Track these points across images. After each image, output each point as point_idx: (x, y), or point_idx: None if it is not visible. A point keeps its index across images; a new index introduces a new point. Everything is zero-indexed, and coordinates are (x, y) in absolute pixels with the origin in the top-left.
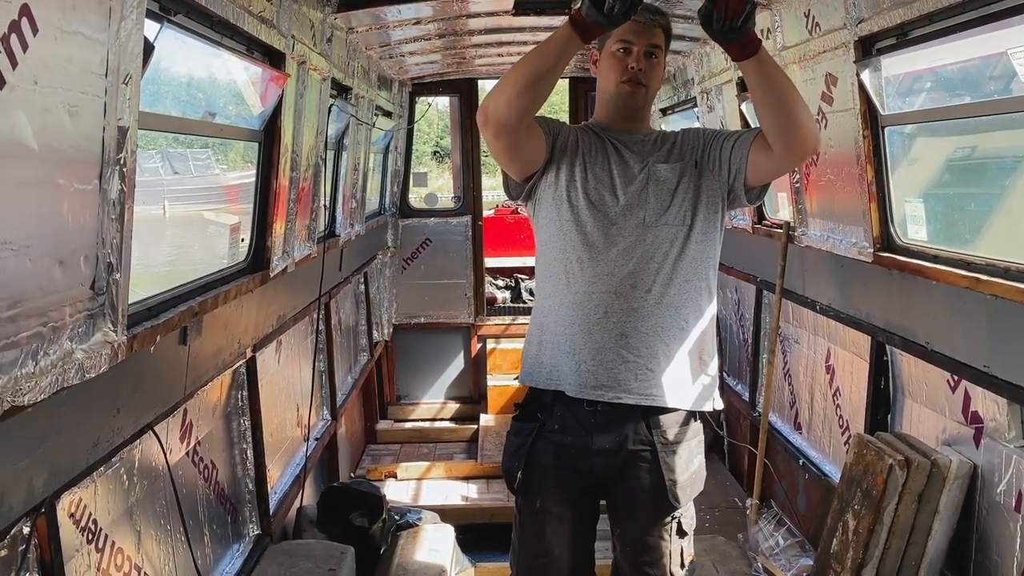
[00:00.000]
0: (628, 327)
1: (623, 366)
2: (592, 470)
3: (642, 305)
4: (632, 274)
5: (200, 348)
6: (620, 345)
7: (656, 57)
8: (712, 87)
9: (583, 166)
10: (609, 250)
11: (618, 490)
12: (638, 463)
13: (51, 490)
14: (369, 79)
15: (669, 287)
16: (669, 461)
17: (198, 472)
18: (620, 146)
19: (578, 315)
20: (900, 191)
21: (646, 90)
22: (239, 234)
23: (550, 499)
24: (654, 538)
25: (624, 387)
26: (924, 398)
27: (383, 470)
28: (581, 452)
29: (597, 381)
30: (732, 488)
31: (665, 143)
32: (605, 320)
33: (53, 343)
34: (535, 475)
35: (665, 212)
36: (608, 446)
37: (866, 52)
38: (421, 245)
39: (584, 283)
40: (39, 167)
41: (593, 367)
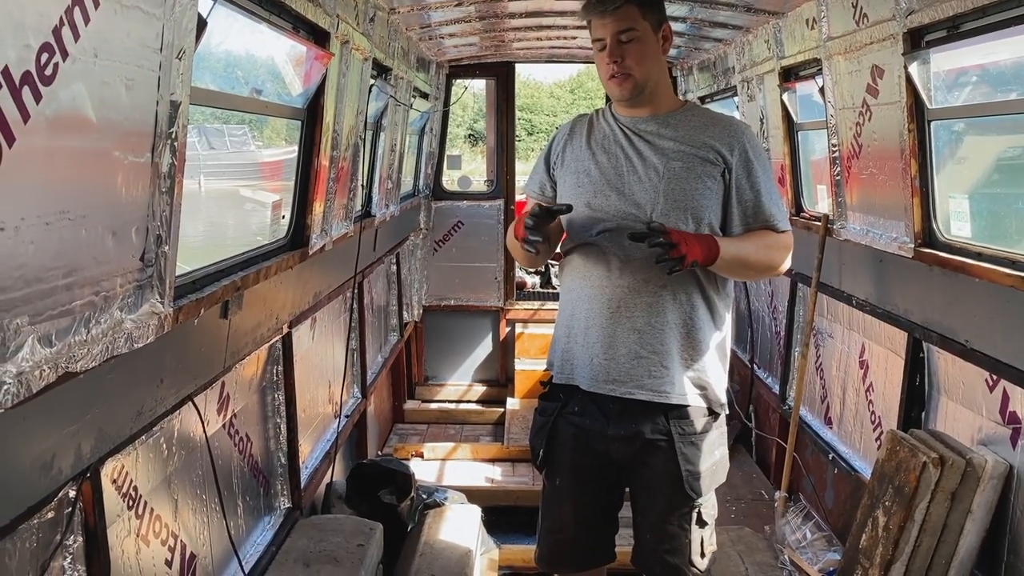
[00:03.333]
0: (642, 322)
1: (636, 361)
2: (608, 453)
3: (656, 300)
4: (645, 269)
5: (240, 322)
6: (633, 340)
7: (632, 37)
8: (753, 76)
9: (591, 166)
10: (622, 244)
11: (636, 477)
12: (655, 452)
13: (97, 456)
14: (408, 60)
15: (683, 284)
16: (687, 452)
17: (233, 444)
18: (635, 137)
19: (592, 309)
20: (945, 187)
21: (634, 78)
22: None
23: (567, 478)
24: (673, 527)
25: (637, 383)
26: (960, 396)
27: (410, 449)
28: (598, 436)
29: (609, 376)
30: (759, 480)
31: (696, 133)
32: (618, 315)
33: (104, 312)
34: (555, 453)
35: (676, 209)
36: (624, 433)
37: (915, 44)
38: (453, 227)
39: (598, 277)
40: (96, 139)
41: (605, 362)
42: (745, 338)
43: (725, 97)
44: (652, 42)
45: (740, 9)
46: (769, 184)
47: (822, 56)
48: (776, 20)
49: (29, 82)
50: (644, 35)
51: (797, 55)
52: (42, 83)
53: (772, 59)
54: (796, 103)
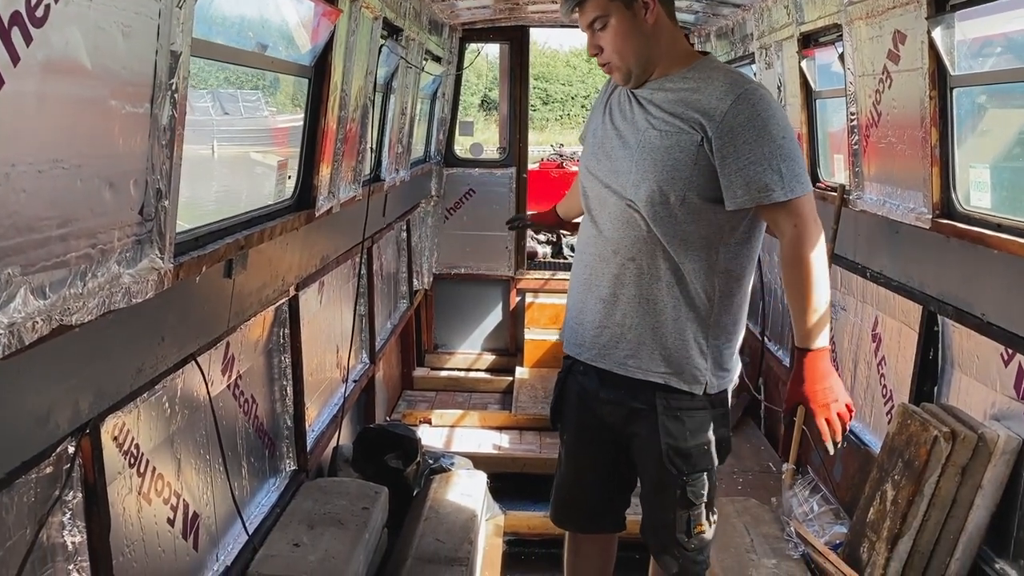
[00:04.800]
0: (606, 292)
1: (600, 331)
2: (603, 416)
3: (622, 272)
4: (615, 240)
5: (245, 283)
6: (599, 311)
7: (605, 26)
8: (772, 43)
9: (595, 132)
10: (601, 213)
11: (629, 447)
12: (640, 421)
13: (96, 411)
14: (420, 22)
15: (653, 258)
16: (669, 426)
17: (238, 406)
18: (634, 101)
19: (577, 276)
20: (966, 157)
21: (618, 66)
22: (286, 171)
23: (572, 436)
24: (656, 502)
25: (602, 352)
26: (974, 371)
27: (418, 415)
28: (593, 398)
29: (580, 341)
30: (766, 452)
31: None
32: (589, 284)
33: (101, 265)
34: (564, 411)
35: (646, 180)
36: (612, 398)
37: (940, 8)
38: (465, 195)
39: (583, 245)
40: (92, 86)
41: (577, 328)
42: (756, 310)
43: (742, 64)
44: (627, 20)
45: None
46: (765, 148)
47: (843, 21)
48: None
49: (19, 23)
50: (616, 16)
51: (817, 20)
52: (33, 25)
53: (791, 25)
54: (815, 71)
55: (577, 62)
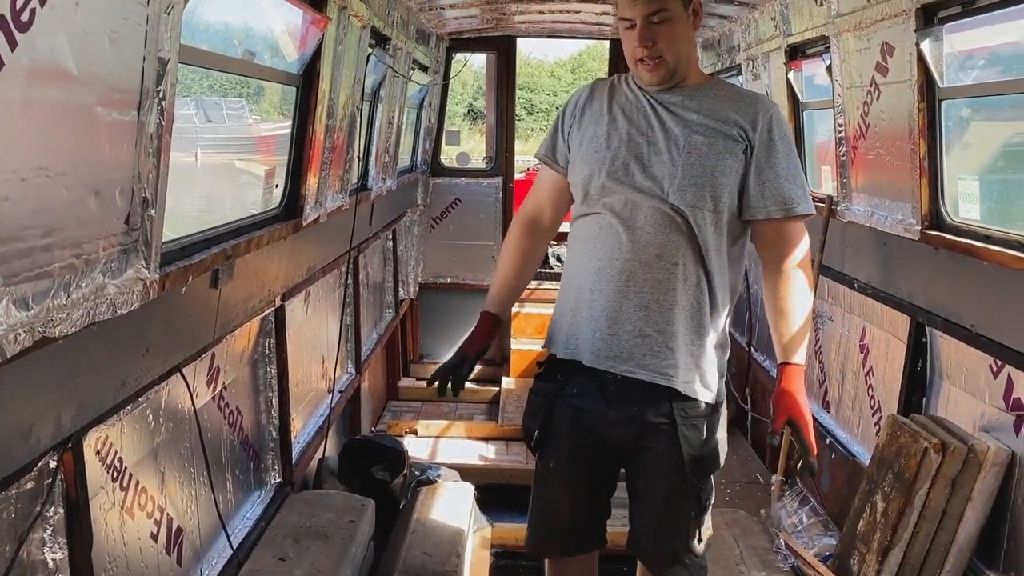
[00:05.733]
0: (649, 299)
1: (640, 339)
2: (607, 436)
3: (667, 278)
4: (658, 244)
5: (231, 293)
6: (639, 317)
7: (663, 18)
8: (759, 54)
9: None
10: (633, 218)
11: (635, 461)
12: (656, 435)
13: (79, 425)
14: (408, 31)
15: (695, 266)
16: (689, 435)
17: (223, 417)
18: (659, 107)
19: (600, 282)
20: (954, 168)
21: (666, 62)
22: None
23: (563, 461)
24: (672, 511)
25: (639, 362)
26: (963, 382)
27: (404, 426)
28: (597, 418)
29: (611, 352)
30: (754, 463)
31: (719, 107)
32: (626, 289)
33: (86, 276)
34: (551, 436)
35: (694, 185)
36: (624, 416)
37: (928, 21)
38: (451, 205)
39: (609, 249)
40: (78, 93)
41: (608, 337)
42: (743, 321)
43: (729, 76)
44: (683, 21)
45: None
46: (792, 164)
47: (830, 33)
48: None
49: (3, 27)
50: (676, 15)
51: (804, 32)
52: (17, 29)
53: (778, 36)
54: (802, 82)
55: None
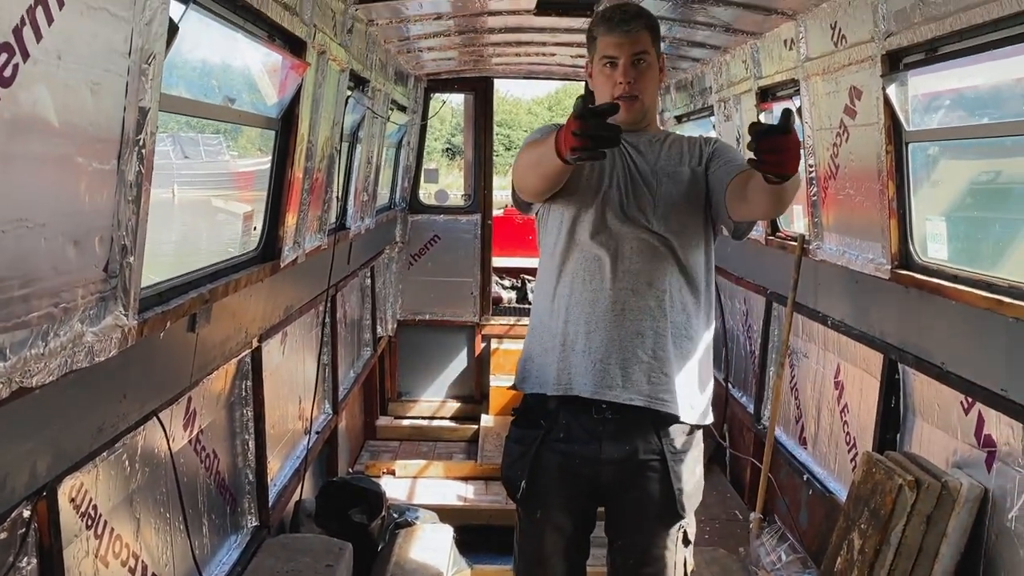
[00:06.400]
0: (644, 326)
1: (637, 366)
2: (599, 479)
3: (658, 304)
4: (648, 272)
5: (208, 336)
6: (636, 344)
7: (645, 61)
8: (730, 96)
9: (592, 169)
10: (621, 248)
11: (623, 499)
12: (648, 473)
13: (54, 474)
14: (386, 73)
15: (680, 291)
16: (677, 470)
17: (199, 461)
18: (630, 147)
19: (595, 313)
20: (922, 209)
21: (641, 101)
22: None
23: (552, 509)
24: (659, 548)
25: (637, 389)
26: (935, 419)
27: (381, 466)
28: (588, 461)
29: (611, 381)
30: (733, 500)
31: (674, 147)
32: (622, 318)
33: (64, 324)
34: (539, 485)
35: (673, 212)
36: (617, 455)
37: (893, 66)
38: (429, 241)
39: (600, 280)
40: (59, 144)
41: (608, 367)
42: (719, 357)
43: (702, 117)
44: (656, 70)
45: (718, 29)
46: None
47: (800, 77)
48: (754, 40)
49: None
50: (652, 61)
51: (775, 75)
52: (0, 84)
53: (749, 79)
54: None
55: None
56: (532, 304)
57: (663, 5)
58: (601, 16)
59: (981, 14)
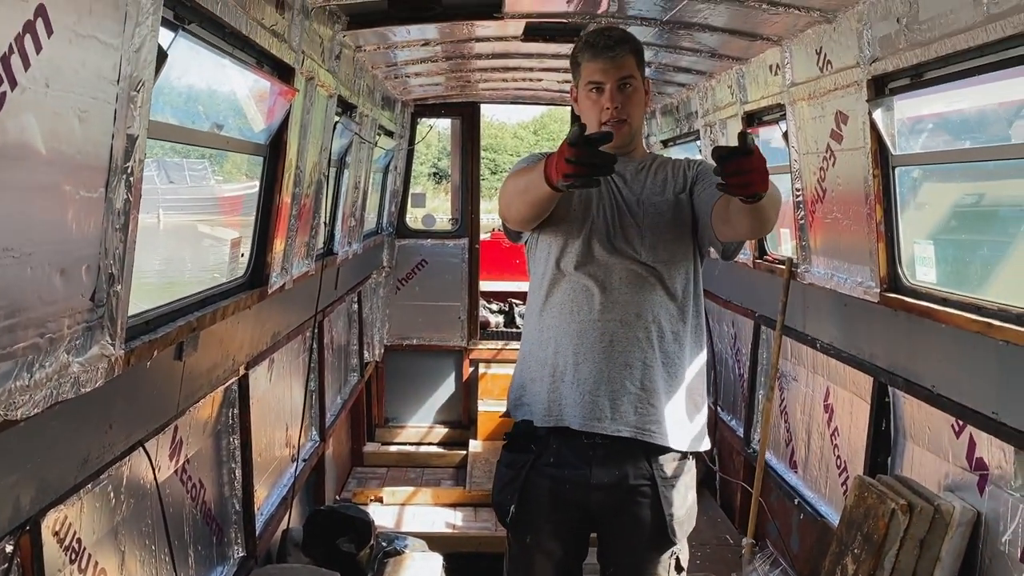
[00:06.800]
0: (633, 357)
1: (625, 397)
2: (589, 505)
3: (647, 336)
4: (637, 304)
5: (195, 364)
6: (625, 376)
7: (631, 86)
8: (716, 121)
9: (579, 199)
10: (609, 278)
11: (615, 525)
12: (638, 498)
13: (37, 508)
14: (374, 98)
15: (670, 320)
16: (669, 495)
17: (185, 491)
18: (616, 176)
19: (584, 344)
20: (910, 233)
21: (628, 125)
22: (239, 249)
23: (542, 534)
24: (651, 574)
25: (624, 420)
26: (926, 442)
27: (369, 493)
28: (578, 486)
29: (599, 413)
30: (723, 525)
31: (659, 173)
32: (611, 349)
33: (49, 355)
34: (529, 510)
35: (662, 242)
36: (607, 480)
37: (879, 91)
38: (417, 266)
39: (588, 311)
40: (46, 172)
41: (598, 398)
42: (708, 380)
43: (688, 141)
44: (642, 93)
45: (704, 55)
46: None
47: (786, 101)
48: (739, 66)
49: None
50: (638, 85)
51: (760, 100)
52: None
53: (735, 104)
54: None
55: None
56: (522, 331)
57: (649, 31)
58: (585, 42)
59: (966, 40)
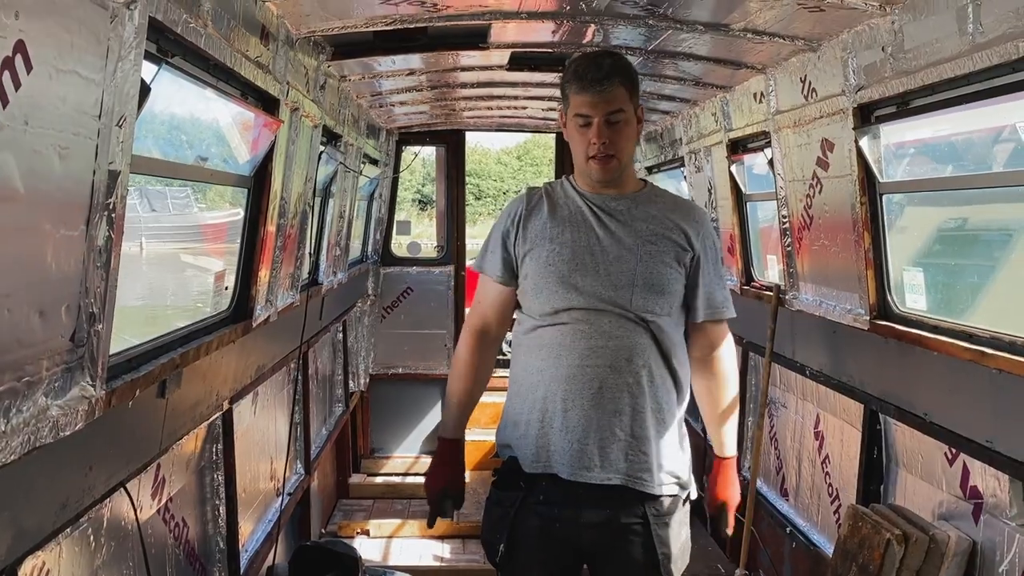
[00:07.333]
0: (623, 404)
1: (616, 445)
2: (580, 543)
3: (637, 382)
4: (627, 349)
5: (178, 401)
6: (615, 424)
7: (620, 120)
8: (700, 148)
9: (562, 243)
10: (598, 323)
11: (608, 565)
12: (630, 536)
13: (15, 556)
14: (358, 127)
15: (659, 366)
16: (661, 534)
17: (168, 531)
18: (604, 215)
19: (572, 390)
20: (898, 260)
21: (617, 160)
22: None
23: (531, 573)
24: None
25: (615, 468)
26: (919, 470)
27: (355, 526)
28: (569, 524)
29: (588, 462)
30: (714, 554)
31: (654, 220)
32: (600, 396)
33: (27, 399)
34: (519, 549)
35: (652, 292)
36: (598, 519)
37: (865, 119)
38: (402, 294)
39: (577, 357)
40: (24, 211)
41: (587, 447)
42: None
43: (672, 168)
44: (634, 124)
45: (688, 83)
46: (720, 270)
47: (771, 129)
48: (724, 93)
49: None
50: (628, 117)
51: (745, 128)
52: None
53: (720, 131)
54: (744, 174)
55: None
56: (511, 360)
57: (633, 60)
58: (574, 72)
59: (952, 68)
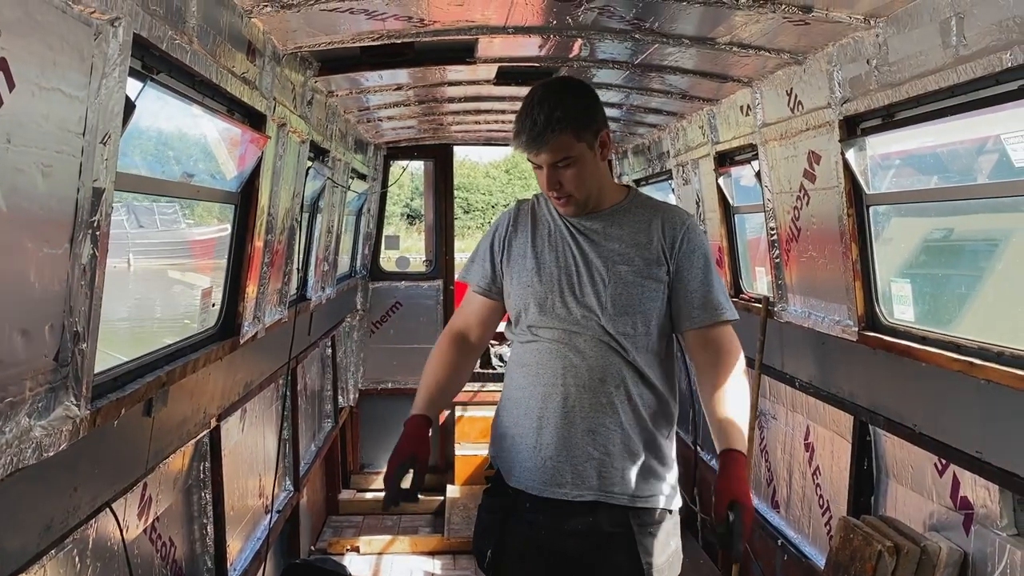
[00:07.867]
0: (595, 423)
1: (588, 463)
2: (565, 551)
3: (611, 401)
4: (601, 369)
5: (165, 419)
6: (587, 442)
7: (568, 165)
8: (688, 161)
9: (540, 263)
10: (573, 342)
11: (593, 574)
12: (614, 545)
13: None
14: (346, 142)
15: (637, 385)
16: (646, 543)
17: (155, 550)
18: (580, 236)
19: (547, 408)
20: (886, 271)
21: (574, 198)
22: (210, 299)
23: None
24: None
25: (587, 484)
26: (909, 481)
27: (345, 543)
28: (553, 532)
29: (560, 479)
30: (706, 566)
31: (635, 235)
32: (572, 415)
33: (10, 420)
34: (506, 555)
35: (625, 314)
36: (581, 527)
37: (851, 132)
38: (391, 309)
39: (551, 376)
40: (7, 230)
41: (558, 464)
42: (687, 419)
43: (660, 180)
44: (590, 159)
45: (675, 96)
46: (713, 272)
47: (757, 142)
48: (710, 106)
49: None
50: (581, 156)
51: (732, 140)
52: None
53: (707, 144)
54: (732, 186)
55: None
56: (505, 374)
57: (619, 74)
58: (513, 129)
59: (937, 80)
